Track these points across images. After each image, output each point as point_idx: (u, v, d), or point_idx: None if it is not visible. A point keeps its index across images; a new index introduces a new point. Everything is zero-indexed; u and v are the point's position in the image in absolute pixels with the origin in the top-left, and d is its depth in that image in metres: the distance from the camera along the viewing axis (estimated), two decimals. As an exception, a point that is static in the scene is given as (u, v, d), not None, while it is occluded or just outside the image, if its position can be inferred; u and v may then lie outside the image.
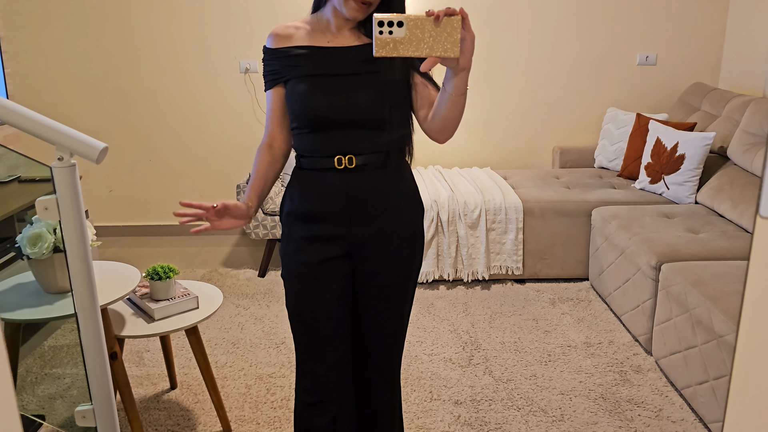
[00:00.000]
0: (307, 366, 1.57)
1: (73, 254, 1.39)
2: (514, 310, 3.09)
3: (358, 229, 1.51)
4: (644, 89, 4.03)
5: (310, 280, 1.52)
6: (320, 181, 1.49)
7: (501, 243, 3.33)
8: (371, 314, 1.60)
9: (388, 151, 1.48)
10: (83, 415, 1.55)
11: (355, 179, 1.47)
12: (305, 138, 1.49)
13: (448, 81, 1.29)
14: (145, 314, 2.04)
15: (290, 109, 1.49)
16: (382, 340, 1.63)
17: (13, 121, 1.35)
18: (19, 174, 3.23)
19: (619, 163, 3.78)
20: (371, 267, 1.55)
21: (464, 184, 3.53)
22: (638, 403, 2.31)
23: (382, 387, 1.70)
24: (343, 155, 1.45)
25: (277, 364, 2.61)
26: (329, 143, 1.46)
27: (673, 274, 2.39)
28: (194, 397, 2.39)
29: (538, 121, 4.09)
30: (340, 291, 1.54)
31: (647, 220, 2.95)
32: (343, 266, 1.54)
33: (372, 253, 1.53)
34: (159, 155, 4.11)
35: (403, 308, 1.62)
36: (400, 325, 1.63)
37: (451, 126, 1.41)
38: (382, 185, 1.50)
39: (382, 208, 1.51)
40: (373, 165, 1.47)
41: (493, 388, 2.43)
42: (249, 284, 3.41)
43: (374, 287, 1.57)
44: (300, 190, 1.52)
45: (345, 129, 1.44)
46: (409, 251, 1.57)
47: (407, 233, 1.56)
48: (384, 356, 1.65)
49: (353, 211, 1.49)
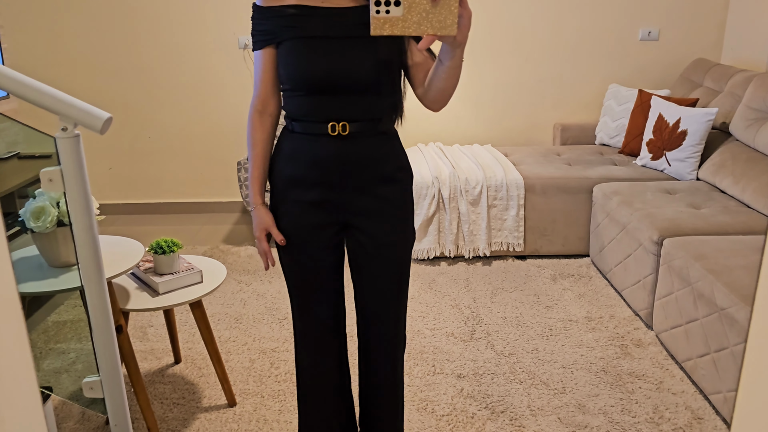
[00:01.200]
0: (303, 326, 1.65)
1: (78, 225, 1.39)
2: (515, 285, 3.10)
3: (349, 195, 1.51)
4: (646, 65, 4.01)
5: (301, 245, 1.55)
6: (312, 146, 1.47)
7: (502, 219, 3.33)
8: (369, 282, 1.62)
9: (381, 118, 1.48)
10: (91, 386, 1.56)
11: (347, 146, 1.47)
12: (298, 101, 1.46)
13: (445, 54, 1.28)
14: (149, 288, 2.05)
15: (284, 71, 1.46)
16: (382, 307, 1.63)
17: (17, 91, 1.34)
18: (18, 150, 3.21)
19: (620, 139, 3.77)
20: (365, 234, 1.56)
21: (465, 161, 3.52)
22: (639, 376, 2.34)
23: (385, 356, 1.71)
24: (336, 122, 1.45)
25: (280, 339, 2.63)
26: (323, 108, 1.44)
27: (675, 248, 2.39)
28: (198, 371, 2.41)
29: (539, 98, 4.07)
30: (330, 256, 1.59)
31: (649, 196, 2.95)
32: (335, 233, 1.57)
33: (364, 219, 1.54)
34: (158, 132, 4.09)
35: (401, 273, 1.62)
36: (399, 290, 1.63)
37: (446, 96, 1.40)
38: (373, 152, 1.49)
39: (373, 175, 1.51)
40: (366, 132, 1.47)
41: (495, 362, 2.45)
42: (250, 261, 3.42)
43: (369, 253, 1.58)
44: (291, 153, 1.51)
45: (339, 94, 1.43)
46: (400, 215, 1.57)
47: (398, 198, 1.56)
48: (385, 324, 1.66)
49: (344, 177, 1.49)
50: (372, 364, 1.70)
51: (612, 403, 2.19)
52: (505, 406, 2.18)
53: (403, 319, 1.70)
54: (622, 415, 2.12)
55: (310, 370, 1.70)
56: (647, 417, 2.11)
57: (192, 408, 2.19)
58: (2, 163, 3.02)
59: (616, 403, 2.18)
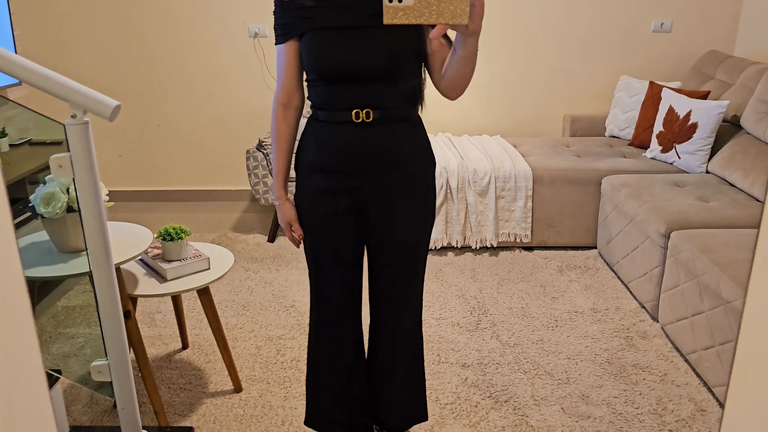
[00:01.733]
0: (321, 313, 1.68)
1: (87, 211, 1.41)
2: (521, 276, 3.11)
3: (371, 182, 1.54)
4: (658, 57, 3.98)
5: (324, 231, 1.58)
6: (336, 133, 1.51)
7: (510, 210, 3.33)
8: (387, 268, 1.65)
9: (402, 105, 1.50)
10: (99, 370, 1.59)
11: (370, 133, 1.49)
12: (321, 90, 1.50)
13: (458, 44, 1.29)
14: (157, 274, 2.07)
15: (305, 62, 1.49)
16: (399, 293, 1.67)
17: (29, 79, 1.35)
18: (29, 137, 3.25)
19: (630, 131, 3.75)
20: (384, 220, 1.59)
21: (474, 152, 3.51)
22: (643, 368, 2.34)
23: (402, 340, 1.75)
24: (360, 109, 1.47)
25: (287, 326, 2.65)
26: (345, 96, 1.47)
27: (683, 241, 2.39)
28: (205, 357, 2.44)
29: (549, 89, 4.05)
30: (349, 243, 1.61)
31: (657, 189, 2.94)
32: (355, 220, 1.59)
33: (385, 206, 1.57)
34: (168, 120, 4.11)
35: (417, 261, 1.66)
36: (415, 277, 1.68)
37: (462, 84, 1.42)
38: (396, 139, 1.52)
39: (395, 162, 1.53)
40: (389, 119, 1.50)
41: (500, 352, 2.46)
42: (258, 249, 3.44)
43: (388, 240, 1.61)
44: (315, 141, 1.55)
45: (360, 83, 1.46)
46: (421, 203, 1.60)
47: (420, 186, 1.58)
48: (402, 309, 1.70)
49: (367, 164, 1.52)
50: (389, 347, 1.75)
51: (615, 394, 2.19)
52: (509, 396, 2.19)
53: (419, 304, 1.74)
54: (626, 406, 2.13)
55: (323, 354, 1.73)
56: (650, 408, 2.11)
57: (198, 393, 2.22)
58: (14, 150, 3.05)
59: (619, 395, 2.19)
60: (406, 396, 1.84)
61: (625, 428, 2.02)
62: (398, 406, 1.85)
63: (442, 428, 2.03)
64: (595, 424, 2.04)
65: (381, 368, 1.80)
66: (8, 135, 2.96)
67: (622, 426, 2.03)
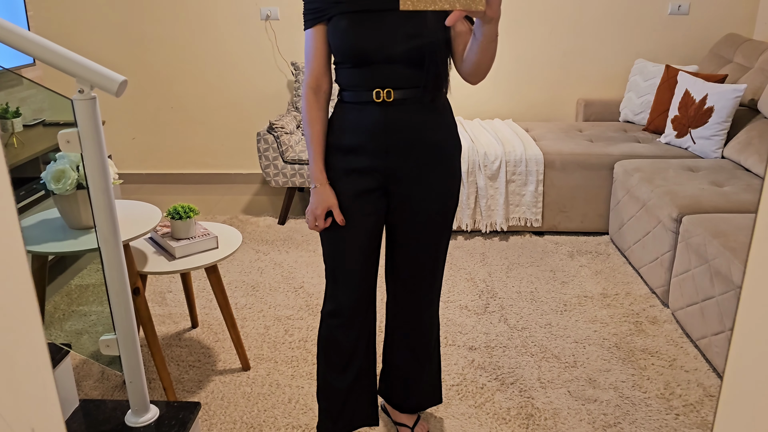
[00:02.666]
0: (334, 291, 1.66)
1: (95, 186, 1.42)
2: (531, 261, 3.09)
3: (395, 161, 1.55)
4: (675, 40, 3.91)
5: (345, 211, 1.58)
6: (360, 114, 1.53)
7: (520, 195, 3.31)
8: (409, 247, 1.66)
9: (426, 86, 1.51)
10: (107, 344, 1.61)
11: (392, 112, 1.51)
12: (347, 72, 1.53)
13: (478, 29, 1.30)
14: (166, 252, 2.09)
15: (333, 45, 1.52)
16: (421, 272, 1.68)
17: (37, 53, 1.36)
18: (44, 118, 3.28)
19: (645, 116, 3.70)
20: (408, 199, 1.59)
21: (485, 135, 3.49)
22: (652, 353, 2.33)
23: (422, 321, 1.76)
24: (381, 89, 1.50)
25: (296, 307, 2.66)
26: (369, 78, 1.50)
27: (694, 225, 2.36)
28: (214, 336, 2.46)
29: (562, 73, 4.00)
30: (372, 225, 1.61)
31: (671, 173, 2.90)
32: (378, 200, 1.60)
33: (409, 185, 1.58)
34: (181, 103, 4.12)
35: (440, 241, 1.66)
36: (437, 257, 1.68)
37: (483, 70, 1.43)
38: (420, 118, 1.53)
39: (419, 141, 1.54)
40: (412, 99, 1.51)
41: (508, 336, 2.45)
42: (269, 231, 3.45)
43: (411, 219, 1.62)
44: (341, 122, 1.57)
45: (385, 64, 1.48)
46: (445, 183, 1.60)
47: (444, 166, 1.59)
48: (424, 287, 1.71)
49: (390, 143, 1.53)
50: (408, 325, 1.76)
51: (623, 378, 2.18)
52: (515, 378, 2.19)
53: (439, 286, 1.74)
54: (633, 390, 2.12)
55: (336, 332, 1.70)
56: (658, 393, 2.10)
57: (207, 371, 2.24)
58: (28, 130, 3.08)
59: (627, 379, 2.18)
60: (422, 378, 1.85)
61: (632, 412, 2.01)
62: (414, 387, 1.85)
63: (448, 409, 2.03)
64: (602, 408, 2.04)
65: (399, 347, 1.81)
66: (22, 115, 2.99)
67: (628, 410, 2.02)
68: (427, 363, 1.83)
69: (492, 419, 1.99)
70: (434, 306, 1.77)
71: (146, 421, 1.68)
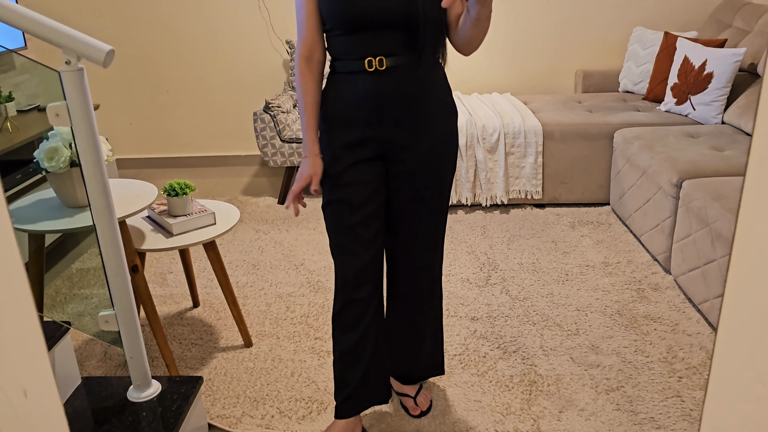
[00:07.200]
0: (339, 264, 1.62)
1: (86, 159, 1.41)
2: (532, 233, 3.08)
3: (390, 130, 1.53)
4: (674, 6, 3.86)
5: (343, 182, 1.55)
6: (352, 84, 1.50)
7: (520, 167, 3.29)
8: (409, 218, 1.64)
9: (421, 54, 1.48)
10: (106, 319, 1.61)
11: (385, 81, 1.48)
12: (338, 40, 1.50)
13: (472, 6, 1.30)
14: (164, 230, 2.08)
15: (324, 12, 1.49)
16: (421, 237, 1.67)
17: (21, 24, 1.34)
18: (38, 103, 3.26)
19: (644, 86, 3.66)
20: (405, 167, 1.57)
21: (483, 109, 3.46)
22: (654, 319, 2.32)
23: (423, 291, 1.75)
24: (373, 57, 1.46)
25: (296, 284, 2.66)
26: (361, 45, 1.46)
27: (694, 189, 2.34)
28: (216, 314, 2.46)
29: (560, 43, 3.95)
30: (372, 190, 1.57)
31: (671, 140, 2.88)
32: (376, 168, 1.57)
33: (406, 154, 1.56)
34: (176, 86, 4.09)
35: (439, 209, 1.64)
36: (436, 227, 1.67)
37: (475, 44, 1.44)
38: (413, 87, 1.50)
39: (414, 110, 1.52)
40: (405, 67, 1.48)
41: (510, 306, 2.45)
42: (269, 211, 3.44)
43: (410, 185, 1.60)
44: (334, 94, 1.54)
45: (377, 30, 1.45)
46: (442, 151, 1.59)
47: (440, 130, 1.57)
48: (425, 256, 1.69)
49: (384, 113, 1.51)
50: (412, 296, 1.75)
51: (626, 344, 2.18)
52: (518, 347, 2.18)
53: (440, 256, 1.73)
54: (636, 355, 2.12)
55: (347, 309, 1.66)
56: (661, 357, 2.10)
57: (209, 348, 2.25)
58: (22, 115, 3.07)
59: (629, 344, 2.18)
60: (423, 348, 1.84)
61: (635, 376, 2.01)
62: (416, 357, 1.84)
63: (450, 378, 2.04)
64: (605, 372, 2.03)
65: (400, 318, 1.80)
66: (15, 100, 2.97)
67: (631, 374, 2.02)
68: (428, 332, 1.82)
69: (495, 387, 1.99)
70: (435, 274, 1.75)
71: (149, 396, 1.68)
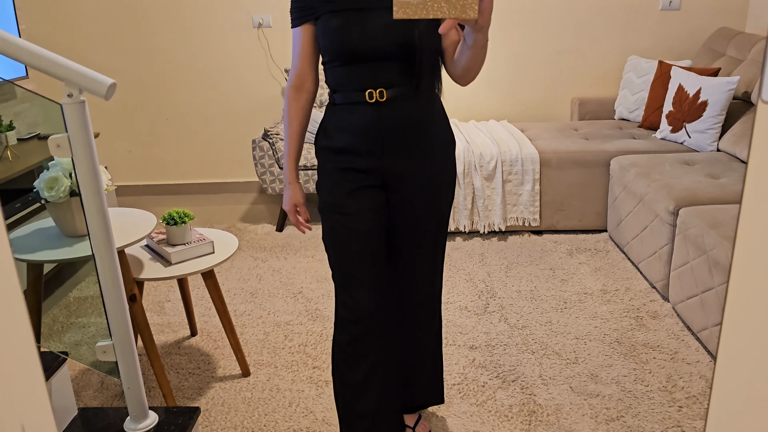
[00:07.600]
0: (346, 295, 1.59)
1: (86, 189, 1.42)
2: (530, 260, 3.08)
3: (392, 160, 1.54)
4: (667, 35, 3.92)
5: (346, 210, 1.55)
6: (352, 115, 1.51)
7: (517, 194, 3.31)
8: (408, 246, 1.64)
9: (419, 84, 1.50)
10: (104, 350, 1.60)
11: (386, 112, 1.50)
12: (337, 72, 1.51)
13: (469, 35, 1.31)
14: (162, 259, 2.08)
15: (322, 44, 1.51)
16: (421, 268, 1.67)
17: (23, 58, 1.36)
18: (38, 131, 3.28)
19: (640, 113, 3.70)
20: (405, 196, 1.58)
21: (480, 136, 3.49)
22: (654, 347, 2.31)
23: (423, 319, 1.75)
24: (374, 89, 1.48)
25: (295, 312, 2.65)
26: (360, 77, 1.48)
27: (691, 217, 2.35)
28: (214, 343, 2.45)
29: (556, 71, 4.00)
30: (375, 218, 1.57)
31: (667, 168, 2.90)
32: (378, 195, 1.58)
33: (406, 183, 1.57)
34: (175, 114, 4.13)
35: (438, 237, 1.66)
36: (435, 255, 1.68)
37: (472, 74, 1.45)
38: (413, 116, 1.52)
39: (414, 139, 1.53)
40: (404, 97, 1.50)
41: (508, 334, 2.44)
42: (267, 238, 3.45)
43: (410, 217, 1.61)
44: (334, 125, 1.55)
45: (376, 62, 1.47)
46: (441, 180, 1.60)
47: (439, 160, 1.58)
48: (424, 284, 1.70)
49: (385, 143, 1.52)
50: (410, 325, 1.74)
51: (625, 373, 2.17)
52: (517, 376, 2.17)
53: (440, 282, 1.73)
54: (635, 384, 2.10)
55: (356, 341, 1.62)
56: (660, 386, 2.09)
57: (207, 378, 2.23)
58: (22, 144, 3.09)
59: (629, 373, 2.16)
60: (422, 376, 1.83)
61: (635, 405, 2.00)
62: (414, 385, 1.83)
63: (449, 407, 2.02)
64: (604, 402, 2.02)
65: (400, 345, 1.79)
66: (16, 128, 2.99)
67: (631, 403, 2.01)
68: (428, 358, 1.82)
69: (494, 417, 1.97)
70: (434, 300, 1.75)
71: (145, 427, 1.66)
